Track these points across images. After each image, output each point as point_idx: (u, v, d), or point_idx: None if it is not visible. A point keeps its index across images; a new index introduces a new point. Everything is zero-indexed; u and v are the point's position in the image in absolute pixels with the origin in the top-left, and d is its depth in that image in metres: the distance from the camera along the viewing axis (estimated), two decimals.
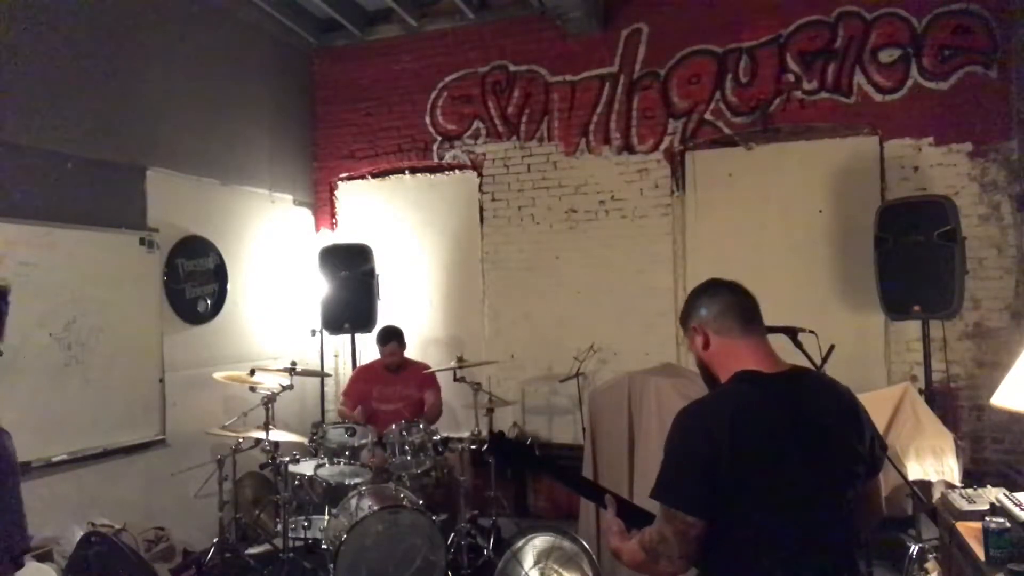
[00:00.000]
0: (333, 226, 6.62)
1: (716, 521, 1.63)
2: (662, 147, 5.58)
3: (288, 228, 6.29)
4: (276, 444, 4.40)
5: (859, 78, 5.10)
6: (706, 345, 1.83)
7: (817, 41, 5.19)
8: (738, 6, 5.35)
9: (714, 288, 1.87)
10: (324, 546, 4.05)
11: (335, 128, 6.60)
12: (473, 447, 4.77)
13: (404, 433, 4.46)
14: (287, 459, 4.35)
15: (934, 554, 3.48)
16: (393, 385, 5.08)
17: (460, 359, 4.80)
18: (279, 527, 4.41)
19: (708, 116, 5.45)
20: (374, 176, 6.52)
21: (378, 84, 6.42)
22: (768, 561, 1.63)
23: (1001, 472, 4.49)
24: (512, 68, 5.99)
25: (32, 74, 4.18)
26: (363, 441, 4.48)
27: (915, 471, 3.78)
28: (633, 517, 1.84)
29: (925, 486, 3.82)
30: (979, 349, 4.81)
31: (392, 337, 5.09)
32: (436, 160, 6.27)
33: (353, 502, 4.04)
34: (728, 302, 1.83)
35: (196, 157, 5.30)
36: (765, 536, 1.63)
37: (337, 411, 5.70)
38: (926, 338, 4.51)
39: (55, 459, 4.13)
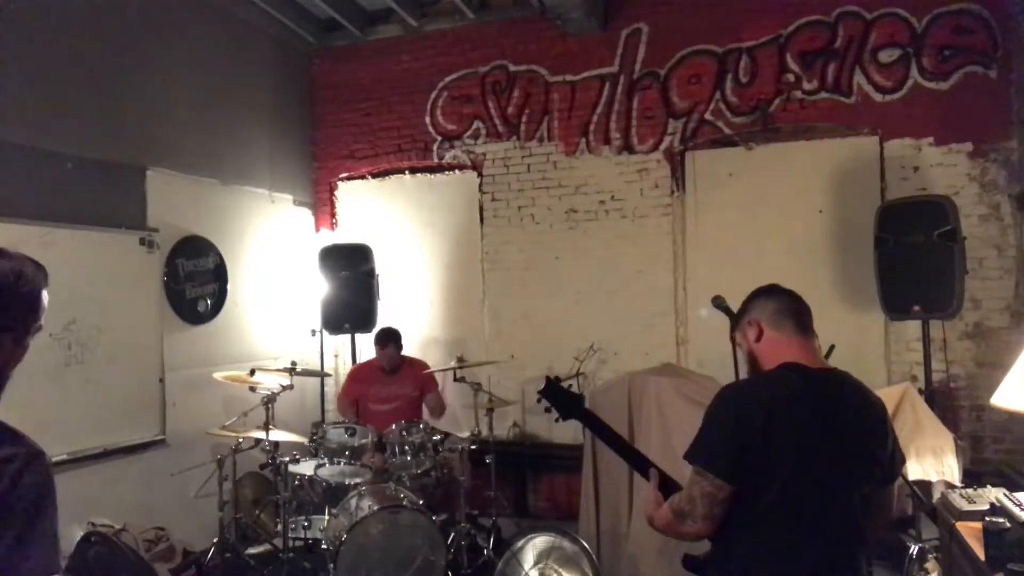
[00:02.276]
0: (333, 226, 6.62)
1: (737, 494, 1.75)
2: (662, 147, 5.58)
3: (288, 228, 6.29)
4: (276, 444, 4.40)
5: (859, 78, 5.10)
6: (758, 338, 1.96)
7: (817, 41, 5.19)
8: (738, 6, 5.35)
9: (774, 289, 2.04)
10: (324, 546, 4.05)
11: (335, 128, 6.59)
12: (473, 447, 4.77)
13: (404, 433, 4.46)
14: (287, 459, 4.35)
15: (934, 554, 3.48)
16: (389, 385, 5.08)
17: (460, 359, 4.80)
18: (279, 527, 4.42)
19: (708, 116, 5.45)
20: (374, 176, 6.52)
21: (378, 84, 6.42)
22: (776, 538, 1.76)
23: (1001, 472, 4.49)
24: (512, 68, 5.99)
25: (32, 74, 4.17)
26: (363, 441, 4.48)
27: (915, 471, 3.77)
28: (670, 491, 1.95)
29: (925, 486, 3.82)
30: (979, 349, 4.80)
31: (390, 339, 5.07)
32: (436, 160, 6.27)
33: (353, 502, 4.05)
34: (785, 303, 1.98)
35: (196, 157, 5.30)
36: (778, 514, 1.75)
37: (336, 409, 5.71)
38: (926, 338, 4.50)
39: (55, 459, 4.09)
